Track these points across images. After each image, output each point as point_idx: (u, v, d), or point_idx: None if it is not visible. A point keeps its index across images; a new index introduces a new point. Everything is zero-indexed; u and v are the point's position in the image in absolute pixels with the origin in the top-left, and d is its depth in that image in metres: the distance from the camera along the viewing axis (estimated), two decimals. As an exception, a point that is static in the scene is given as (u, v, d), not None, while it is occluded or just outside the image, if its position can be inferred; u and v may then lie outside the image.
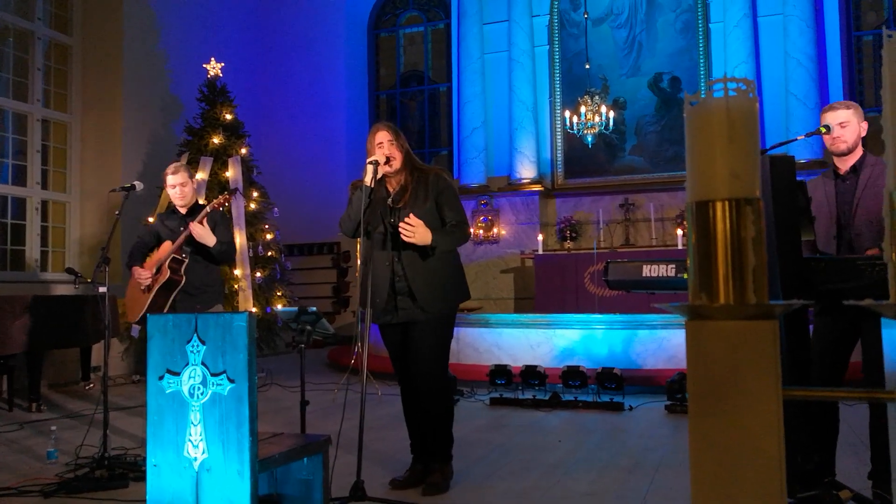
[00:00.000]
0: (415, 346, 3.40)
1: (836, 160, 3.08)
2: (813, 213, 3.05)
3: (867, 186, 2.94)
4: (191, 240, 4.08)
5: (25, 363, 5.98)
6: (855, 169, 3.01)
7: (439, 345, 3.43)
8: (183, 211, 4.26)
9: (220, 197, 4.17)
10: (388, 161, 3.40)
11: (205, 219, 4.08)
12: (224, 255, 4.20)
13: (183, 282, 4.10)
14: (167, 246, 4.16)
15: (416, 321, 3.39)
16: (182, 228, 4.12)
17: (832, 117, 3.02)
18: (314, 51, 12.50)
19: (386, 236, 3.42)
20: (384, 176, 3.47)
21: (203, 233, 4.04)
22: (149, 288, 4.13)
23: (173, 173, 4.22)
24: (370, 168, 3.35)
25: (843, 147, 3.01)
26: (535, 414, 5.40)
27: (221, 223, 4.25)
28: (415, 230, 3.25)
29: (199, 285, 4.17)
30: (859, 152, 3.02)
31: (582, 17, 10.50)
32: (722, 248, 0.87)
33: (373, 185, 3.35)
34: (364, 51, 13.02)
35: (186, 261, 4.12)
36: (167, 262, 4.08)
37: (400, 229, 3.27)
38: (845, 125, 2.98)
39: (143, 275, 4.11)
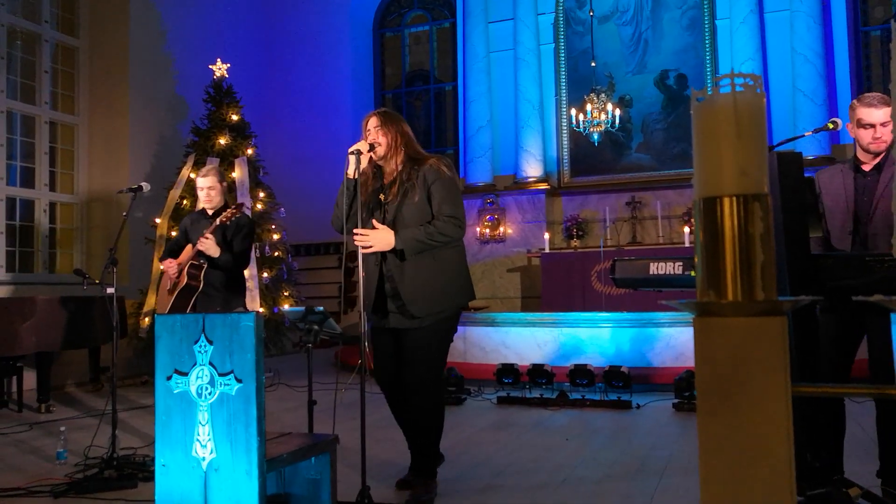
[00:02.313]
0: (406, 356, 3.16)
1: (861, 154, 2.86)
2: (828, 204, 2.93)
3: (888, 186, 2.76)
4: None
5: (35, 364, 6.02)
6: (879, 167, 2.82)
7: (432, 357, 3.16)
8: (210, 213, 4.35)
9: (227, 211, 4.22)
10: (372, 148, 3.16)
11: (213, 231, 4.17)
12: (228, 265, 4.27)
13: (201, 286, 4.23)
14: (189, 250, 4.31)
15: (408, 329, 3.14)
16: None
17: (868, 115, 2.76)
18: (320, 51, 12.51)
19: None
20: (379, 166, 3.26)
21: (208, 246, 4.13)
22: (172, 289, 4.28)
23: (203, 176, 4.36)
24: (351, 159, 3.10)
25: (883, 147, 2.76)
26: (542, 412, 5.40)
27: (238, 233, 4.33)
28: (367, 239, 3.02)
29: (218, 286, 4.29)
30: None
31: (587, 15, 10.47)
32: (730, 244, 0.87)
33: (355, 177, 3.07)
34: (369, 50, 13.02)
35: (205, 266, 4.25)
36: (186, 268, 4.23)
37: (354, 240, 3.05)
38: (887, 124, 2.72)
39: (172, 268, 4.29)
